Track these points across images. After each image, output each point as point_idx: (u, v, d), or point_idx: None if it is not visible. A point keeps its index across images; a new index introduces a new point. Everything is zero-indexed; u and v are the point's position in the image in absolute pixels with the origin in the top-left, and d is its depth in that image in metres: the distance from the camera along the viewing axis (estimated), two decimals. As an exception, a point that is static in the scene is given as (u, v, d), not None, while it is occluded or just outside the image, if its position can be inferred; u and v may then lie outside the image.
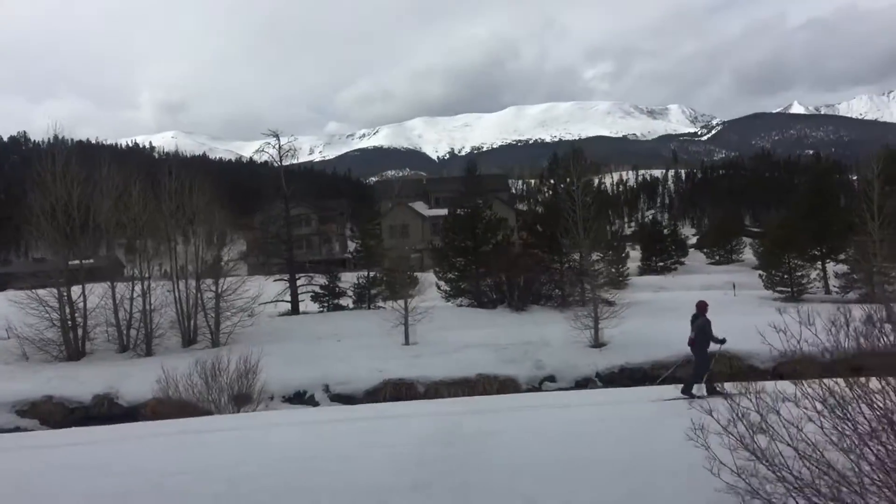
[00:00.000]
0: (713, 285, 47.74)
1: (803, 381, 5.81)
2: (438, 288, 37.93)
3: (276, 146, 35.82)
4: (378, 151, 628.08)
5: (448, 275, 37.80)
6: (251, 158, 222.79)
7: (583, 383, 25.27)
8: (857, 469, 5.40)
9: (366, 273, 37.47)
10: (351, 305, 37.05)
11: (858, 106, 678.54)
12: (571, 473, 8.33)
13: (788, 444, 5.59)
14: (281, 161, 36.86)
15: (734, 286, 41.32)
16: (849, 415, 5.62)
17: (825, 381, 5.75)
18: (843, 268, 38.28)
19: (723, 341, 15.47)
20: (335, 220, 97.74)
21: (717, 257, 61.19)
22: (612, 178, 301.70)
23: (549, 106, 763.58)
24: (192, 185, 30.79)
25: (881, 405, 5.51)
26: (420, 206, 79.54)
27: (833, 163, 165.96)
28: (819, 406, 5.64)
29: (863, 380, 5.70)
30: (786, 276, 37.60)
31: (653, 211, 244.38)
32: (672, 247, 59.28)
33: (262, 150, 38.48)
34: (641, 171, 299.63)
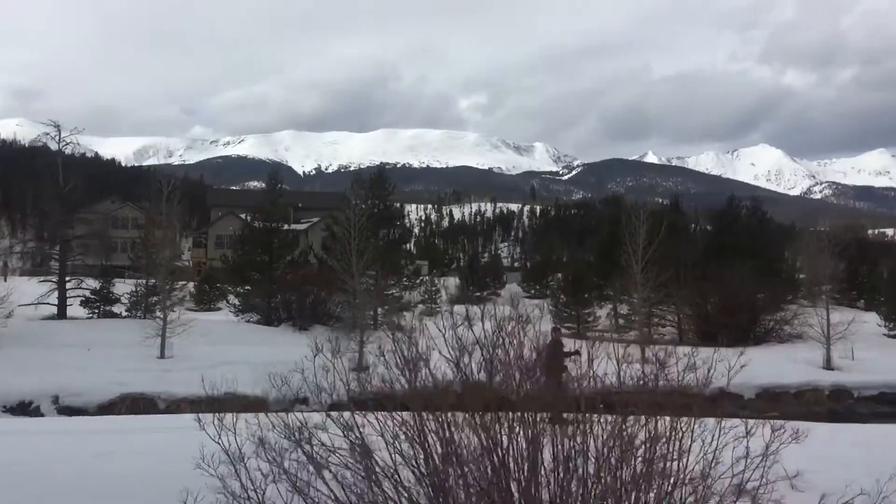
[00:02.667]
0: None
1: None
2: (227, 301, 36.62)
3: (57, 137, 33.44)
4: (242, 161, 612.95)
5: (239, 289, 36.57)
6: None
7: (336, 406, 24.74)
8: None
9: (144, 280, 35.59)
10: (124, 313, 35.08)
11: (706, 161, 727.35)
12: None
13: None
14: (61, 153, 34.40)
15: (526, 319, 42.36)
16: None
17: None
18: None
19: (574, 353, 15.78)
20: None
21: (532, 291, 63.00)
22: (471, 207, 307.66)
23: (420, 132, 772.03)
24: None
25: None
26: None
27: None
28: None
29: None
30: (573, 313, 38.85)
31: (506, 243, 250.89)
32: (489, 277, 60.66)
33: (40, 140, 35.84)
34: (500, 204, 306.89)
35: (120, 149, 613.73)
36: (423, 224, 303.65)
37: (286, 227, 37.46)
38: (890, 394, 28.35)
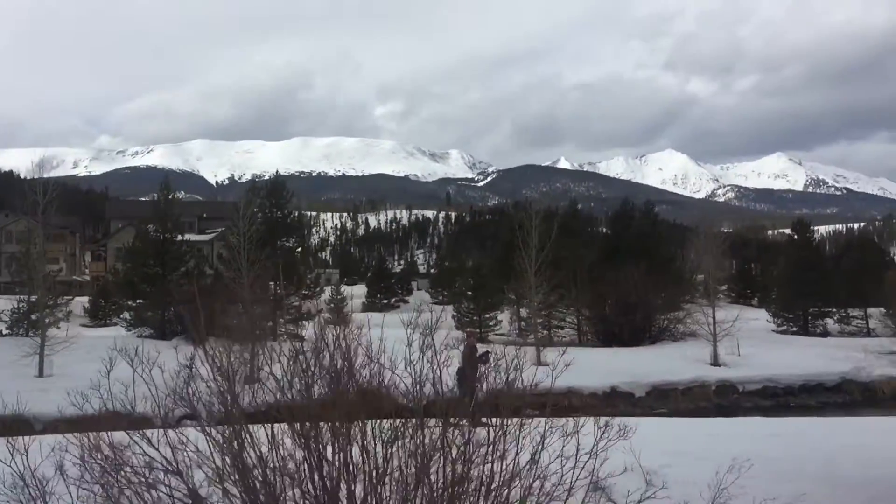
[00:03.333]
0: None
1: None
2: (118, 316, 35.33)
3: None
4: (151, 171, 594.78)
5: (131, 303, 35.34)
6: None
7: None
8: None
9: (26, 296, 34.00)
10: (4, 331, 33.41)
11: (616, 166, 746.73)
12: None
13: None
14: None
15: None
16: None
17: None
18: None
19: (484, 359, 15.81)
20: (66, 239, 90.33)
21: (440, 297, 63.20)
22: (386, 215, 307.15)
23: (335, 140, 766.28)
24: None
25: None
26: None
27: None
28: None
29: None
30: (475, 318, 39.08)
31: (422, 250, 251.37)
32: (397, 285, 60.57)
33: None
34: (415, 211, 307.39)
35: (21, 160, 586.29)
36: (338, 233, 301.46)
37: (182, 237, 36.41)
38: (772, 387, 29.51)
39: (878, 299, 40.21)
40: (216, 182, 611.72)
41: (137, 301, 35.30)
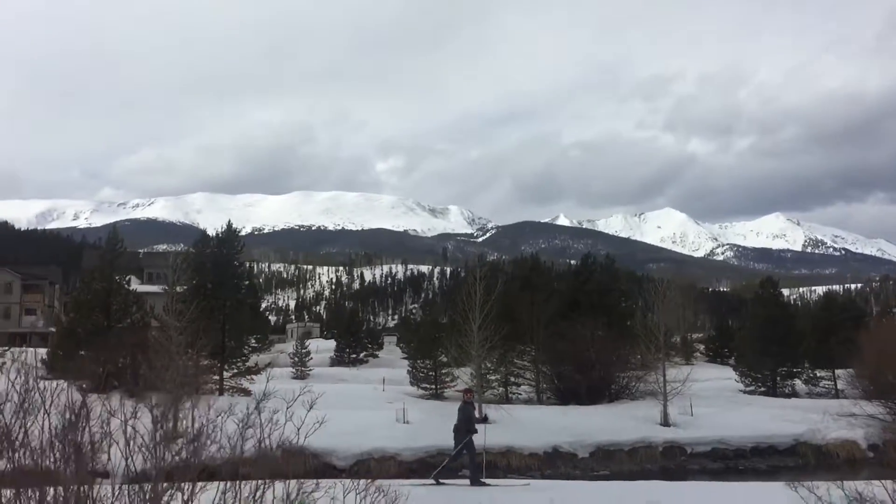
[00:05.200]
0: (389, 378, 47.66)
1: None
2: (54, 369, 34.43)
3: None
4: (151, 224, 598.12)
5: (74, 355, 34.49)
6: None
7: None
8: None
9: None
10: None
11: (615, 223, 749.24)
12: None
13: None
14: None
15: (384, 380, 41.47)
16: None
17: None
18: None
19: (483, 420, 17.02)
20: (43, 290, 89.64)
21: (412, 351, 62.08)
22: (382, 270, 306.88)
23: (336, 194, 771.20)
24: None
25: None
26: (131, 281, 75.05)
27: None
28: None
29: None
30: (431, 374, 38.20)
31: (415, 305, 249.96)
32: (366, 339, 59.55)
33: None
34: (411, 266, 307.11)
35: (21, 212, 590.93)
36: (333, 286, 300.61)
37: (128, 287, 35.78)
38: (722, 449, 28.50)
39: (846, 360, 39.38)
40: (216, 234, 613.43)
41: (81, 353, 34.46)
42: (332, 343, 61.24)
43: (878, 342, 31.43)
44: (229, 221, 37.91)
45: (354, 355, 57.15)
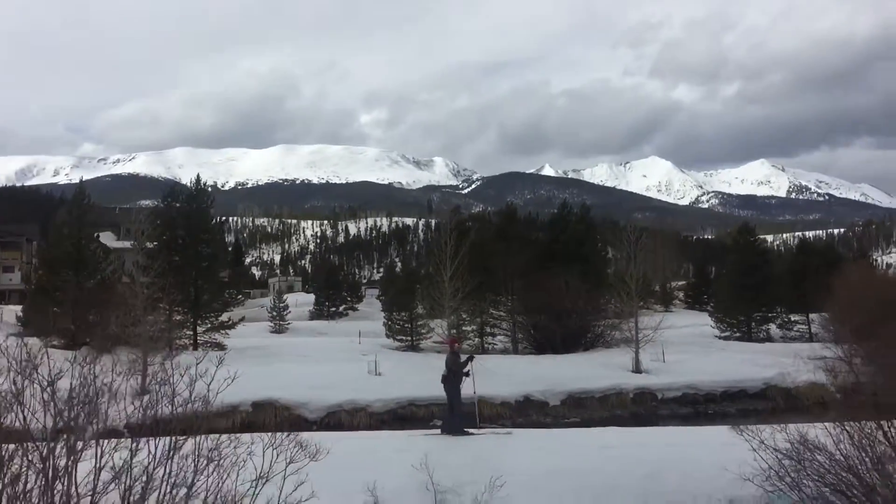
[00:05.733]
0: (366, 331, 47.63)
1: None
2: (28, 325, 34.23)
3: None
4: (133, 179, 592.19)
5: (47, 312, 34.18)
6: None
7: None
8: None
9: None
10: None
11: (600, 173, 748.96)
12: None
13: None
14: None
15: (359, 333, 41.44)
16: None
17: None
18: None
19: (466, 374, 15.84)
20: (21, 247, 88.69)
21: (387, 303, 62.01)
22: (367, 223, 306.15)
23: (319, 147, 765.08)
24: None
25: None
26: (108, 237, 74.19)
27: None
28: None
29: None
30: (406, 326, 38.17)
31: (399, 257, 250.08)
32: (346, 292, 59.39)
33: None
34: (396, 218, 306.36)
35: (0, 168, 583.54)
36: (318, 241, 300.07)
37: (99, 242, 35.33)
38: (692, 395, 28.71)
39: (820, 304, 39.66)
40: (192, 189, 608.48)
41: (55, 309, 34.16)
42: (313, 297, 61.06)
43: (848, 286, 31.55)
44: (198, 175, 37.25)
45: (334, 308, 57.05)
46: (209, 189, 36.64)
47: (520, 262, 36.64)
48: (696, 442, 13.52)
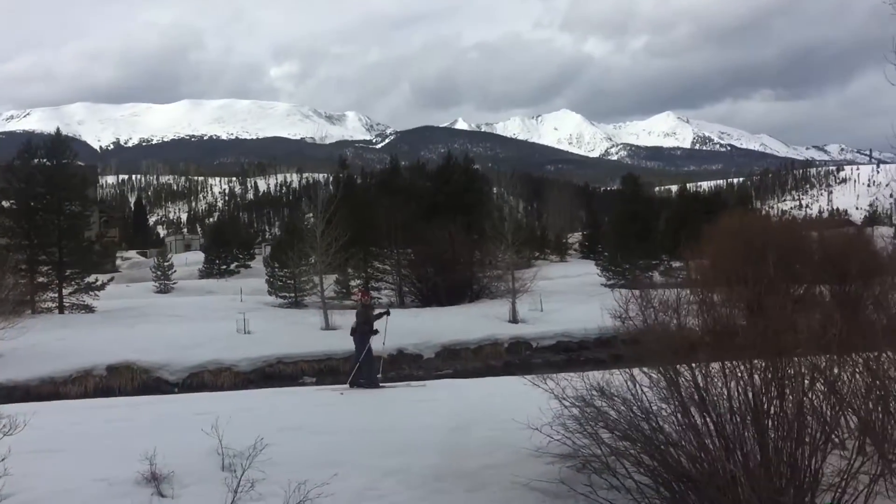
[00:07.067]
0: (257, 289, 46.53)
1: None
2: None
3: None
4: (27, 136, 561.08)
5: None
6: None
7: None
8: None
9: None
10: None
11: (513, 126, 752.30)
12: None
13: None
14: None
15: (241, 291, 40.48)
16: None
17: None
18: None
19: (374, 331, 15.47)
20: None
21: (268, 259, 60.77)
22: (276, 179, 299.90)
23: (227, 102, 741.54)
24: None
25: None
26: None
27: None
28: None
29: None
30: (289, 282, 37.46)
31: (310, 215, 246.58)
32: (237, 249, 57.78)
33: None
34: (306, 174, 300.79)
35: None
36: (226, 197, 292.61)
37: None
38: (565, 342, 29.17)
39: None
40: (100, 147, 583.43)
41: None
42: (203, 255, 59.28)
43: (719, 235, 32.36)
44: (58, 128, 35.25)
45: (224, 266, 55.53)
46: (68, 141, 34.60)
47: (405, 215, 36.25)
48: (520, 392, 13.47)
